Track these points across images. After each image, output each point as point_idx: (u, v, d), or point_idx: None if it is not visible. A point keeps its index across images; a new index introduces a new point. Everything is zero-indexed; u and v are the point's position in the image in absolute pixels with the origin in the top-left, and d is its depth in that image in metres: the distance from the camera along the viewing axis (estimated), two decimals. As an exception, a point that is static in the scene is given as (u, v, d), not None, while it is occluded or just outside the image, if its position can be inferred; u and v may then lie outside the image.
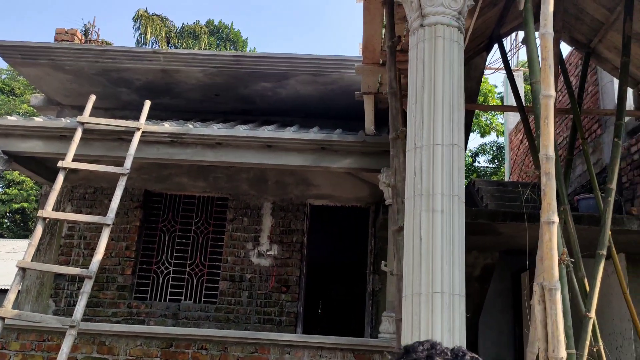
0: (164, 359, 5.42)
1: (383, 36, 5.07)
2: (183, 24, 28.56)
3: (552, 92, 3.11)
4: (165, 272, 7.46)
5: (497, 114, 19.63)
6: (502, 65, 10.14)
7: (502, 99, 19.01)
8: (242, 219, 7.35)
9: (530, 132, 5.63)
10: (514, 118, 12.81)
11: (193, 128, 6.17)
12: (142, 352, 5.42)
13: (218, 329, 6.50)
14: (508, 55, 6.50)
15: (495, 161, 20.78)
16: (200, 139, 6.11)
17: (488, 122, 20.23)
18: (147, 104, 6.13)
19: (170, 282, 7.40)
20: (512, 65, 12.17)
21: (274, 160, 6.08)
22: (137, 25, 27.29)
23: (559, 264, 3.26)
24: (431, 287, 3.15)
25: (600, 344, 4.41)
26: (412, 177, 3.42)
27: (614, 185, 4.59)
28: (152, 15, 27.63)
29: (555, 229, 3.00)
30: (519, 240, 6.81)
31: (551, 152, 3.08)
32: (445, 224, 3.26)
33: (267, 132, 6.10)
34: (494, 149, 20.75)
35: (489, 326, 10.37)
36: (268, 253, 7.19)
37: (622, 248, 6.22)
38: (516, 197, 8.16)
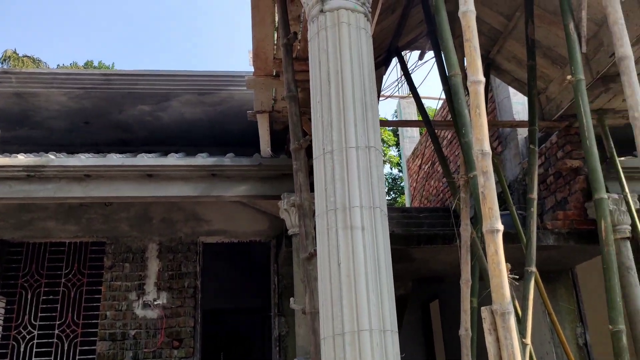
0: None
1: (276, 41, 4.47)
2: (58, 65, 26.55)
3: (481, 78, 2.63)
4: (27, 337, 6.15)
5: (390, 146, 19.86)
6: (393, 93, 10.00)
7: (394, 131, 19.26)
8: (123, 265, 6.29)
9: (439, 146, 5.25)
10: (410, 145, 12.77)
11: (55, 159, 5.16)
12: None
13: (95, 401, 5.35)
14: (409, 69, 6.17)
15: (391, 193, 20.91)
16: (65, 172, 5.12)
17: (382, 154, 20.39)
18: (-6, 131, 5.05)
19: (34, 349, 6.10)
20: (404, 93, 12.20)
21: (157, 191, 5.21)
22: (4, 66, 24.92)
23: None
24: (357, 324, 2.46)
25: (538, 371, 3.95)
26: (323, 189, 2.76)
27: (535, 195, 4.25)
28: (23, 56, 25.41)
29: (501, 239, 2.46)
30: (433, 266, 6.38)
31: (487, 147, 2.58)
32: (368, 243, 2.62)
33: (147, 159, 5.23)
34: (389, 180, 20.91)
35: (403, 361, 9.87)
36: (155, 303, 6.16)
37: (536, 266, 5.97)
38: (422, 222, 7.83)
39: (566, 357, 5.65)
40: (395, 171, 20.71)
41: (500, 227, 2.46)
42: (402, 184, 18.94)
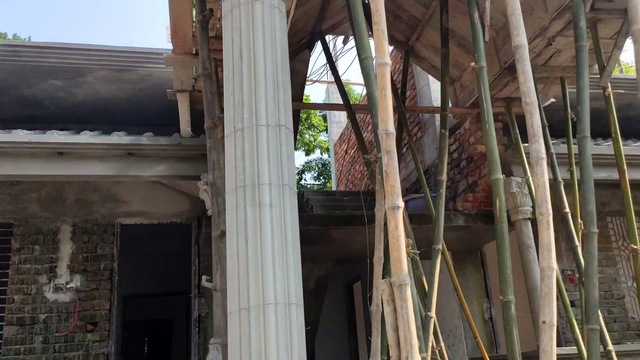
0: None
1: (195, 18, 4.40)
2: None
3: (388, 60, 2.72)
4: None
5: (321, 131, 20.01)
6: (321, 77, 10.07)
7: (324, 116, 19.42)
8: (32, 247, 6.01)
9: (358, 130, 5.38)
10: (338, 130, 12.95)
11: (-45, 134, 4.86)
12: None
13: (2, 387, 5.14)
14: (333, 55, 6.25)
15: (321, 178, 21.11)
16: (-34, 148, 4.82)
17: (312, 139, 20.52)
18: None
19: None
20: (331, 79, 12.31)
21: (68, 170, 5.02)
22: None
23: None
24: (262, 299, 2.52)
25: (442, 344, 4.17)
26: (234, 166, 2.79)
27: (444, 177, 4.45)
28: None
29: (401, 215, 2.57)
30: (353, 247, 6.54)
31: (391, 127, 2.68)
32: (275, 220, 2.67)
33: (58, 136, 5.02)
34: (319, 165, 21.09)
35: (325, 340, 10.09)
36: (68, 286, 5.95)
37: (447, 245, 6.27)
38: (346, 205, 7.99)
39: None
40: (325, 156, 20.89)
41: (401, 204, 2.58)
42: (331, 170, 19.17)
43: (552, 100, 5.63)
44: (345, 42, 6.96)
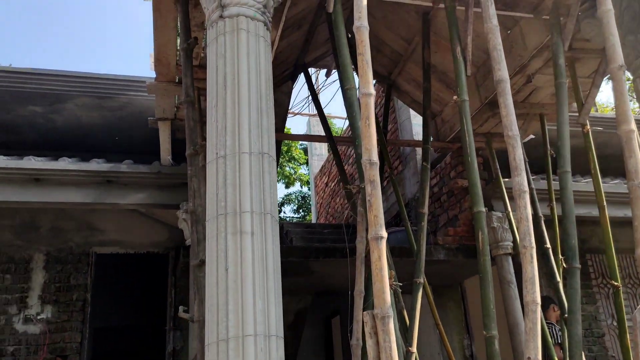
0: None
1: (179, 46, 4.40)
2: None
3: (372, 90, 2.74)
4: None
5: (301, 164, 20.04)
6: (302, 110, 10.13)
7: (305, 149, 19.50)
8: (3, 276, 5.81)
9: (340, 161, 5.38)
10: (319, 162, 12.98)
11: None
12: None
13: None
14: (319, 87, 6.29)
15: (301, 210, 21.04)
16: (-62, 172, 4.70)
17: (292, 172, 20.53)
18: None
19: None
20: (313, 111, 12.40)
21: (44, 197, 4.92)
22: None
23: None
24: (242, 330, 2.44)
25: (423, 380, 4.09)
26: (215, 193, 2.74)
27: (426, 210, 4.45)
28: None
29: (384, 246, 2.55)
30: (333, 280, 6.47)
31: (374, 157, 2.68)
32: (257, 249, 2.62)
33: (35, 162, 4.93)
34: (299, 198, 21.05)
35: (303, 377, 9.86)
36: (39, 317, 5.75)
37: (428, 280, 6.23)
38: (326, 238, 7.94)
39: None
40: (305, 189, 20.87)
41: (384, 234, 2.56)
42: (311, 202, 19.14)
43: (532, 136, 5.72)
44: (328, 74, 7.04)
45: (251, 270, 2.56)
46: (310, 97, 8.34)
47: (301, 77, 6.24)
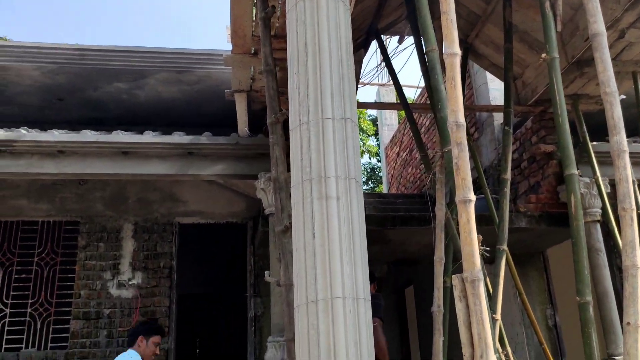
0: None
1: (254, 17, 4.44)
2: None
3: (457, 50, 2.65)
4: (-1, 315, 6.07)
5: (369, 135, 19.90)
6: (372, 80, 9.99)
7: (373, 120, 19.32)
8: (97, 244, 6.21)
9: (416, 128, 5.29)
10: (389, 133, 12.83)
11: (27, 134, 5.07)
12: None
13: (67, 379, 5.30)
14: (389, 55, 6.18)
15: (370, 182, 20.99)
16: (38, 147, 5.03)
17: (361, 143, 20.43)
18: (-36, 104, 4.94)
19: (6, 327, 6.01)
20: (383, 80, 12.22)
21: (132, 169, 5.15)
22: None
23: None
24: (330, 292, 2.48)
25: (508, 349, 4.03)
26: (299, 159, 2.76)
27: (508, 175, 4.31)
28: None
29: (472, 209, 2.49)
30: (408, 249, 6.45)
31: (461, 118, 2.60)
32: (342, 213, 2.63)
33: (123, 136, 5.16)
34: (368, 170, 20.98)
35: (378, 345, 9.95)
36: (130, 282, 6.11)
37: (509, 249, 6.07)
38: (398, 208, 7.88)
39: (535, 337, 5.77)
40: (374, 161, 20.76)
41: (473, 197, 2.50)
42: (380, 174, 19.02)
43: (623, 96, 5.38)
44: (400, 41, 6.88)
45: (337, 234, 2.58)
46: (382, 65, 8.22)
47: (370, 47, 6.15)
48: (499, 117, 6.80)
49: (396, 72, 5.94)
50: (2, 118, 6.37)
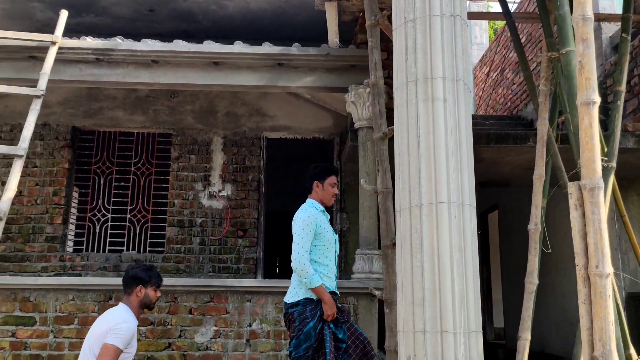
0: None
1: None
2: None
3: None
4: (102, 219, 6.51)
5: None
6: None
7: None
8: (189, 156, 6.43)
9: (518, 39, 4.91)
10: (478, 52, 12.18)
11: (123, 43, 5.18)
12: (75, 307, 4.55)
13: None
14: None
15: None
16: (133, 56, 5.14)
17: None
18: (64, 14, 5.08)
19: (109, 231, 6.47)
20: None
21: (223, 80, 5.18)
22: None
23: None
24: (435, 197, 2.40)
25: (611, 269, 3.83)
26: (404, 59, 2.62)
27: (623, 88, 3.94)
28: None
29: (596, 112, 2.28)
30: (500, 169, 6.23)
31: (589, 11, 2.34)
32: (449, 116, 2.49)
33: (214, 46, 5.16)
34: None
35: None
36: (220, 194, 6.33)
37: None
38: (487, 129, 7.55)
39: (630, 264, 5.50)
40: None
41: (597, 98, 2.28)
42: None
43: None
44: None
45: (444, 137, 2.46)
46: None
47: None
48: (606, 30, 6.23)
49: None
50: (96, 29, 6.54)
